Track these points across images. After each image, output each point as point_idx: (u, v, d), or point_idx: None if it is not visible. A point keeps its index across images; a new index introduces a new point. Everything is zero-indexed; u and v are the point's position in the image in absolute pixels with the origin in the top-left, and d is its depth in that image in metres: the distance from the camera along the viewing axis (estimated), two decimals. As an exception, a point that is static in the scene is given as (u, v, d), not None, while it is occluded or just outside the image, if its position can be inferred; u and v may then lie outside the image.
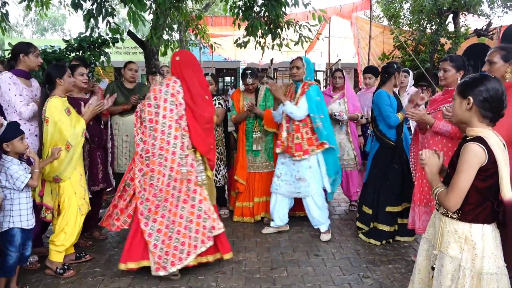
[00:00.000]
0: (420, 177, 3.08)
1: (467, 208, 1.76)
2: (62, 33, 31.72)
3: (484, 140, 1.70)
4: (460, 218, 1.78)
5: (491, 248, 1.74)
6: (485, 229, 1.76)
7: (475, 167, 1.70)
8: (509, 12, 9.95)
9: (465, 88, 1.78)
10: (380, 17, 13.01)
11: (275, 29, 5.49)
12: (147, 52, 6.43)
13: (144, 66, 6.88)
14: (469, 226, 1.77)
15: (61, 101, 3.03)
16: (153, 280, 2.99)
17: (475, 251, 1.74)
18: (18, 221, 2.66)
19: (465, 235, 1.76)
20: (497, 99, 1.73)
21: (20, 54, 3.15)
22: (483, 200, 1.75)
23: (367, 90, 4.79)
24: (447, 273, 1.78)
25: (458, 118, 1.85)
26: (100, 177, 3.63)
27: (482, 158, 1.69)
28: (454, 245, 1.78)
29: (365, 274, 3.09)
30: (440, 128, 2.88)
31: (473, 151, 1.70)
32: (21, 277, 2.93)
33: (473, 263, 1.73)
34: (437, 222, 1.92)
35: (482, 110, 1.74)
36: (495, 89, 1.73)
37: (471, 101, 1.74)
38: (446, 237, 1.82)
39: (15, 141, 2.62)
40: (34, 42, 3.55)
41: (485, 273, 1.71)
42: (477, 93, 1.73)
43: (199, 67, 3.10)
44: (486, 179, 1.72)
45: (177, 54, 3.08)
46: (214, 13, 15.51)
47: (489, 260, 1.72)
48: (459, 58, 3.07)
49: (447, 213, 1.83)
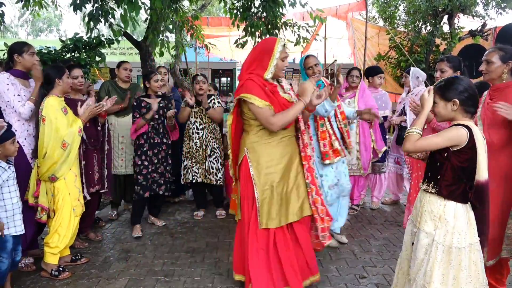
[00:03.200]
0: (416, 177, 3.09)
1: (443, 184, 1.97)
2: (57, 33, 31.61)
3: (470, 128, 1.93)
4: (437, 193, 1.99)
5: (462, 226, 1.95)
6: (457, 208, 1.96)
7: (452, 141, 1.92)
8: (503, 13, 10.00)
9: (447, 91, 1.99)
10: (375, 18, 13.05)
11: (273, 30, 5.51)
12: (143, 53, 6.41)
13: (140, 67, 6.86)
14: (443, 206, 1.97)
15: (58, 101, 3.02)
16: (149, 281, 2.98)
17: (446, 227, 1.95)
18: (12, 226, 2.62)
19: (439, 214, 1.97)
20: (475, 96, 1.99)
21: (14, 54, 3.14)
22: (457, 180, 1.96)
23: (372, 91, 4.75)
24: (421, 247, 2.00)
25: (443, 118, 2.06)
26: (96, 178, 3.61)
27: (463, 139, 1.90)
28: (429, 223, 2.00)
29: (361, 274, 3.10)
30: (438, 125, 2.92)
31: (459, 129, 1.92)
32: (16, 279, 2.91)
33: (445, 239, 1.94)
34: (418, 204, 2.12)
35: (466, 107, 1.97)
36: (472, 87, 1.98)
37: (457, 103, 1.96)
38: (423, 216, 2.03)
39: (7, 143, 2.58)
40: (29, 42, 3.53)
41: (454, 247, 1.92)
42: (461, 95, 1.95)
43: None
44: (463, 161, 1.93)
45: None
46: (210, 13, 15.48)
47: (458, 236, 1.93)
48: (455, 58, 3.09)
49: (427, 189, 2.04)
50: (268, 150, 2.60)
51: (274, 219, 2.58)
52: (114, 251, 3.57)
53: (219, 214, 4.49)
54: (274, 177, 2.58)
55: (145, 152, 3.90)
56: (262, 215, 2.58)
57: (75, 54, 5.30)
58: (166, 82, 4.89)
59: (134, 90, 4.40)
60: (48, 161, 2.93)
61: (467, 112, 1.98)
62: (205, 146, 4.32)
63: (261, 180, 2.57)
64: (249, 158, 2.61)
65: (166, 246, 3.67)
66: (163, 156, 4.03)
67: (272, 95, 2.56)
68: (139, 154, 3.90)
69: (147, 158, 3.91)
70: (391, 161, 4.84)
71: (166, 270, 3.19)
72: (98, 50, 5.43)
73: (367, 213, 4.66)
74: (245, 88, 2.54)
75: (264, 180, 2.58)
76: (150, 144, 3.93)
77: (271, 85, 2.61)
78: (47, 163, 2.93)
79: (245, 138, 2.68)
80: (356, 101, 4.43)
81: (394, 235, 3.95)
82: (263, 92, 2.52)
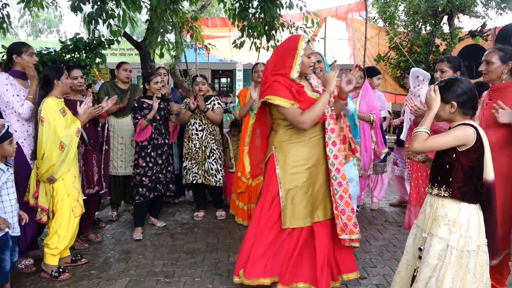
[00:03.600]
0: (416, 177, 3.09)
1: (455, 186, 1.96)
2: (57, 34, 31.63)
3: (475, 126, 1.93)
4: (451, 196, 1.97)
5: (474, 229, 1.94)
6: (471, 212, 1.95)
7: (460, 140, 1.91)
8: (503, 13, 10.01)
9: (446, 93, 1.97)
10: (375, 18, 13.06)
11: (270, 31, 5.51)
12: (143, 53, 6.41)
13: (140, 67, 6.86)
14: (458, 210, 1.95)
15: (57, 102, 3.02)
16: (150, 282, 2.98)
17: (461, 231, 1.94)
18: (11, 228, 2.62)
19: (454, 218, 1.95)
20: (475, 98, 1.98)
21: (12, 55, 3.14)
22: (468, 180, 1.95)
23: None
24: (434, 253, 1.97)
25: (441, 119, 2.06)
26: (96, 179, 3.61)
27: (471, 139, 1.90)
28: (443, 227, 1.97)
29: (361, 275, 3.10)
30: (440, 126, 2.91)
31: (466, 129, 1.92)
32: (16, 280, 2.91)
33: (458, 243, 1.93)
34: (428, 209, 2.08)
35: (465, 110, 1.97)
36: (471, 89, 1.96)
37: (455, 106, 1.95)
38: (436, 221, 2.00)
39: (5, 144, 2.58)
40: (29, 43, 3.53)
41: (466, 250, 1.93)
42: (459, 97, 1.95)
43: None
44: (471, 160, 1.93)
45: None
46: (210, 14, 15.48)
47: (469, 239, 1.93)
48: (455, 59, 3.09)
49: (439, 193, 2.01)
50: (295, 150, 2.60)
51: (299, 218, 2.58)
52: (114, 252, 3.57)
53: (219, 215, 4.49)
54: (300, 178, 2.58)
55: (149, 153, 3.89)
56: (285, 215, 2.58)
57: (75, 55, 5.30)
58: (166, 83, 4.89)
59: (134, 91, 4.40)
60: (47, 162, 2.93)
61: (466, 114, 1.99)
62: (204, 147, 4.32)
63: (287, 180, 2.58)
64: (276, 157, 2.62)
65: (166, 247, 3.67)
66: (166, 157, 4.03)
67: (299, 95, 2.53)
68: (143, 156, 3.87)
69: (151, 159, 3.90)
70: (392, 162, 4.81)
71: (166, 271, 3.18)
72: (99, 51, 5.42)
73: (367, 214, 4.66)
74: (270, 89, 2.52)
75: (289, 179, 2.57)
76: (153, 145, 3.92)
77: (297, 85, 2.57)
78: (45, 164, 2.93)
79: (274, 137, 2.70)
80: (358, 102, 4.43)
81: (394, 235, 3.95)
82: (289, 92, 2.50)
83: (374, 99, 4.48)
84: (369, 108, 4.41)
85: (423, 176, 3.03)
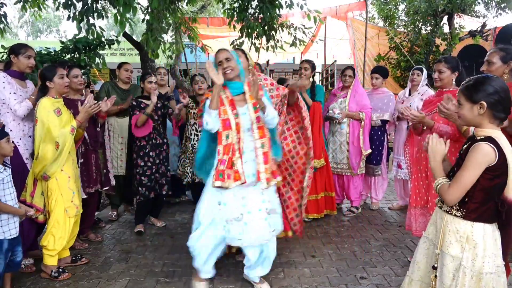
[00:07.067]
0: (416, 179, 3.08)
1: (472, 207, 1.75)
2: (57, 34, 31.62)
3: (495, 141, 1.69)
4: (464, 217, 1.77)
5: (491, 248, 1.74)
6: (486, 229, 1.75)
7: (482, 166, 1.68)
8: (503, 13, 10.02)
9: (475, 92, 1.73)
10: (375, 18, 13.06)
11: (269, 31, 5.51)
12: (143, 54, 6.42)
13: (140, 68, 6.86)
14: (471, 226, 1.75)
15: (51, 102, 3.01)
16: (150, 282, 2.98)
17: (476, 250, 1.73)
18: (7, 230, 2.57)
19: (467, 234, 1.75)
20: (508, 99, 1.72)
21: (11, 55, 3.17)
22: (487, 199, 1.74)
23: (373, 91, 4.67)
24: (448, 272, 1.78)
25: (467, 122, 1.82)
26: (95, 179, 3.61)
27: (492, 158, 1.67)
28: (455, 244, 1.78)
29: (361, 275, 3.10)
30: (440, 130, 2.86)
31: (484, 150, 1.67)
32: (16, 280, 2.91)
33: (474, 263, 1.73)
34: (438, 221, 1.91)
35: (495, 112, 1.72)
36: (504, 89, 1.71)
37: (484, 106, 1.71)
38: (447, 236, 1.81)
39: (2, 142, 2.55)
40: (28, 44, 3.52)
41: (485, 272, 1.72)
42: (489, 97, 1.70)
43: None
44: (493, 178, 1.70)
45: None
46: (210, 14, 15.47)
47: (489, 259, 1.72)
48: (453, 59, 3.07)
49: (450, 211, 1.82)
50: None
51: None
52: (114, 252, 3.57)
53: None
54: None
55: (147, 153, 3.89)
56: None
57: (75, 55, 5.30)
58: (166, 83, 4.88)
59: (135, 91, 4.39)
60: (42, 161, 2.93)
61: (495, 118, 1.73)
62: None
63: None
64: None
65: (166, 247, 3.67)
66: (164, 156, 4.04)
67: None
68: (142, 156, 3.88)
69: (149, 159, 3.90)
70: (395, 164, 4.72)
71: (166, 271, 3.18)
72: (98, 52, 5.41)
73: (367, 214, 4.66)
74: None
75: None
76: (152, 145, 3.92)
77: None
78: (41, 163, 2.94)
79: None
80: (347, 101, 4.42)
81: (394, 235, 3.95)
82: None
83: (365, 98, 4.45)
84: (359, 107, 4.40)
85: (423, 177, 3.02)
